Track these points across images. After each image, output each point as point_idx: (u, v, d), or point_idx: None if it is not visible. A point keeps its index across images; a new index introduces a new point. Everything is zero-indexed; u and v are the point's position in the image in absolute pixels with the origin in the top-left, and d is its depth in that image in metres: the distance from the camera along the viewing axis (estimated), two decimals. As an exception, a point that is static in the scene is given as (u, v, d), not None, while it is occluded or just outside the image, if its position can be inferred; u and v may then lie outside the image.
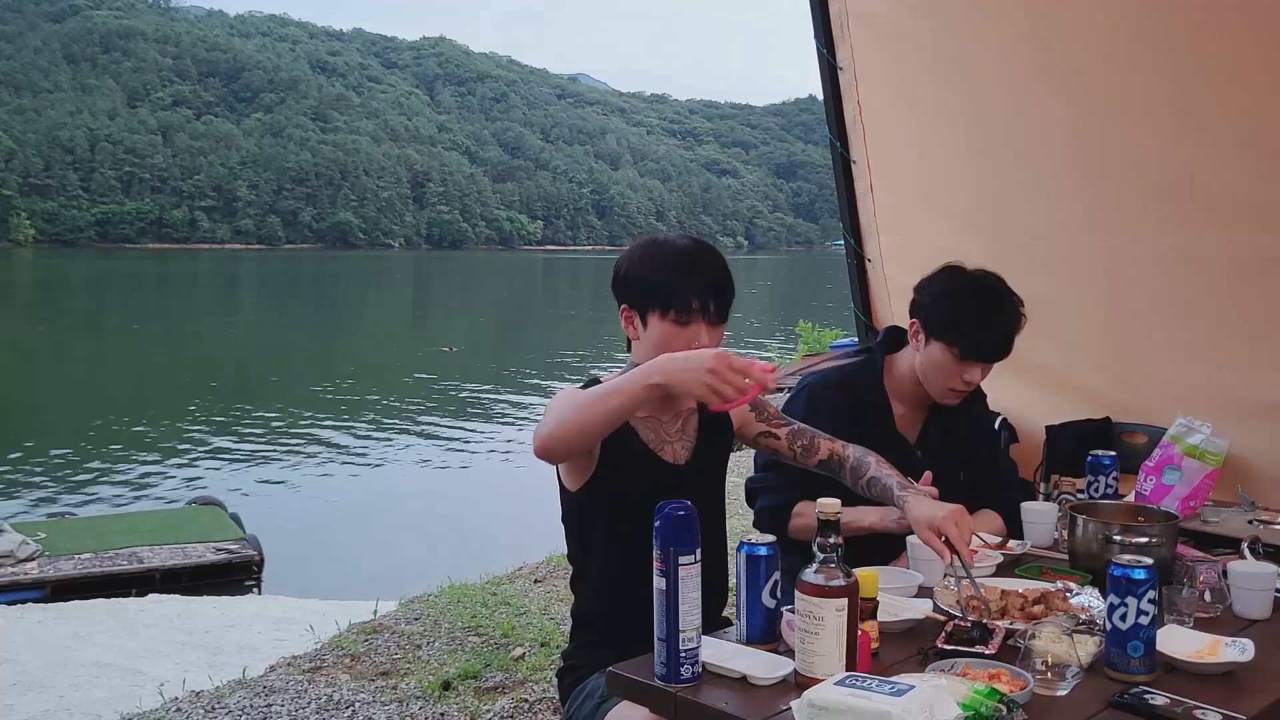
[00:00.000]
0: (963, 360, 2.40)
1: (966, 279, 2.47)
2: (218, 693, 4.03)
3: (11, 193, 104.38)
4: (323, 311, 40.23)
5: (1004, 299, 2.43)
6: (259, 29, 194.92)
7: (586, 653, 2.10)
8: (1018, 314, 2.42)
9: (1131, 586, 1.63)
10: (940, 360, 2.42)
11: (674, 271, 1.98)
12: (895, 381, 2.55)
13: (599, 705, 1.93)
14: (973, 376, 2.43)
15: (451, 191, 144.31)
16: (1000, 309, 2.41)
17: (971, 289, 2.44)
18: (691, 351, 1.80)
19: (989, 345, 2.41)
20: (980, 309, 2.40)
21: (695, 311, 1.97)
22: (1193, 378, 3.04)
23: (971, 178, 3.50)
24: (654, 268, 2.00)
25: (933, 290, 2.48)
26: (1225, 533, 2.49)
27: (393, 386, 20.30)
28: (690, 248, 2.02)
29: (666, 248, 2.03)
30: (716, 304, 1.99)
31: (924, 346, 2.46)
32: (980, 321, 2.39)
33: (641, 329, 2.02)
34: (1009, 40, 3.24)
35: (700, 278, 1.98)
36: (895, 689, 1.38)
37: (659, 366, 1.76)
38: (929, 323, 2.45)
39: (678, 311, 1.96)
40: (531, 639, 4.37)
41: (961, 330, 2.39)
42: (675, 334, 1.97)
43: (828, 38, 3.64)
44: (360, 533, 10.07)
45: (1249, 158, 2.79)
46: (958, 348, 2.39)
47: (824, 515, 1.59)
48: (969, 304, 2.41)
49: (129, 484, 12.06)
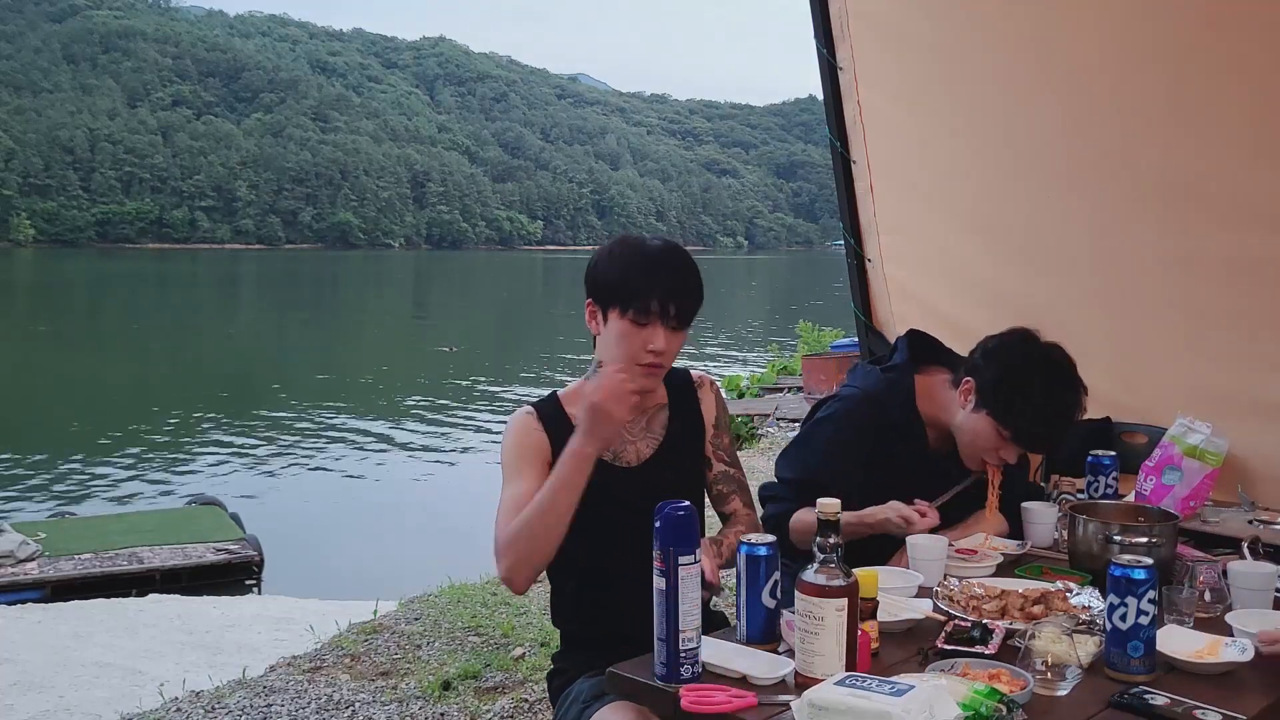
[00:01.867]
0: (1011, 442, 2.29)
1: (1037, 359, 2.27)
2: (218, 693, 4.03)
3: (11, 193, 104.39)
4: (323, 311, 40.20)
5: (1072, 392, 2.26)
6: (259, 29, 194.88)
7: (572, 655, 2.12)
8: (1079, 406, 2.27)
9: (1131, 586, 1.63)
10: (986, 433, 2.30)
11: (639, 271, 1.98)
12: (927, 405, 2.44)
13: (584, 709, 1.93)
14: (1011, 458, 2.32)
15: (451, 191, 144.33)
16: (1065, 402, 2.25)
17: (1041, 380, 2.24)
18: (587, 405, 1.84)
19: (1043, 440, 2.32)
20: (1042, 408, 2.23)
21: (654, 314, 1.97)
22: (1193, 378, 3.04)
23: (972, 178, 3.50)
24: (620, 266, 2.00)
25: (1000, 359, 2.30)
26: (1225, 533, 2.48)
27: (393, 386, 20.29)
28: (659, 250, 2.02)
29: (636, 247, 2.03)
30: (677, 308, 1.99)
31: (970, 410, 2.33)
32: (1040, 414, 2.24)
33: (603, 324, 2.02)
34: (1009, 40, 3.24)
35: (664, 280, 1.98)
36: (895, 689, 1.38)
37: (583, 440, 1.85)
38: (984, 392, 2.29)
39: (636, 311, 1.97)
40: (531, 639, 4.37)
41: (1019, 417, 2.24)
42: (632, 332, 1.98)
43: (828, 38, 3.64)
44: (360, 533, 10.06)
45: (1249, 158, 2.79)
46: (1009, 432, 2.27)
47: (824, 515, 1.59)
48: (1034, 392, 2.23)
49: (129, 484, 12.05)
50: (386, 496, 11.75)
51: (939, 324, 2.88)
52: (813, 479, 2.29)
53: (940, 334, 2.63)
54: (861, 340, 3.90)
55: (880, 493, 2.27)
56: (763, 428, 10.99)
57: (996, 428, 2.28)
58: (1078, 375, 2.29)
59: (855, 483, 2.27)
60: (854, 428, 2.42)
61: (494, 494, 2.01)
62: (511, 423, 2.09)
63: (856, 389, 2.53)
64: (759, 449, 9.68)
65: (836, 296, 25.85)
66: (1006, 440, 2.29)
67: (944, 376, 2.45)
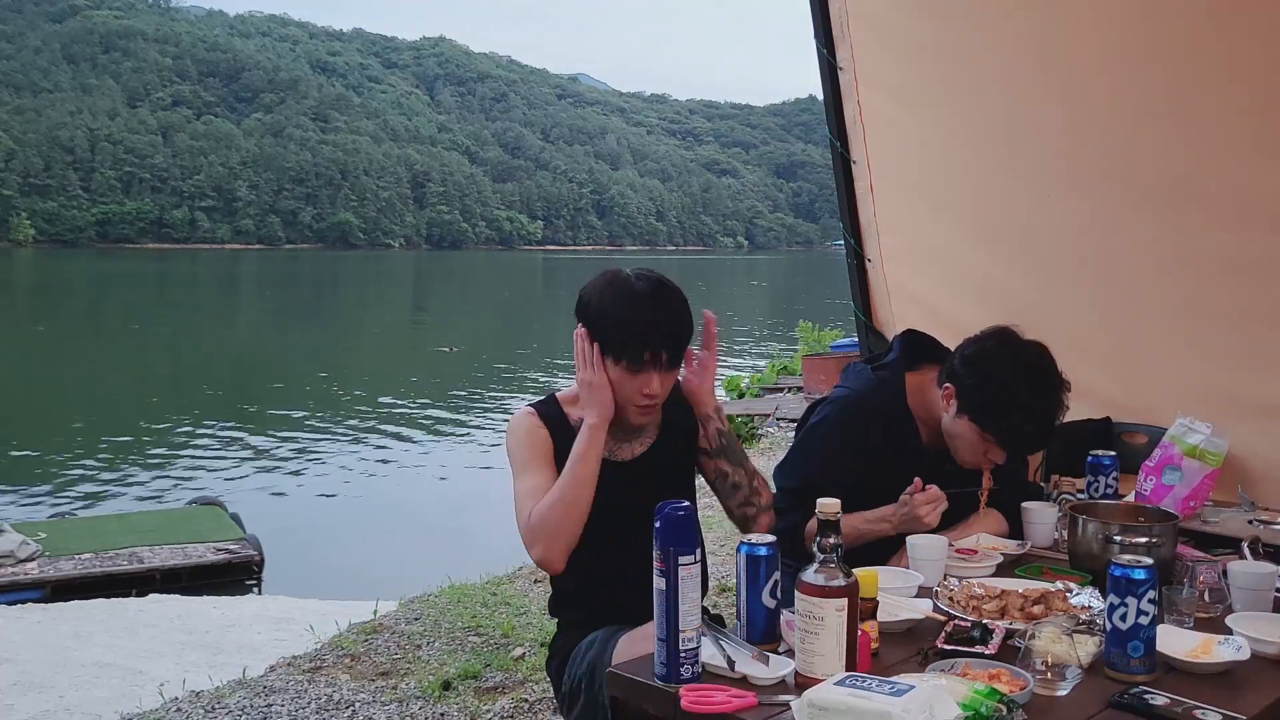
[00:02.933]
0: (996, 446, 2.29)
1: (1016, 365, 2.24)
2: (218, 693, 4.02)
3: (11, 193, 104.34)
4: (323, 311, 40.19)
5: (1053, 392, 2.23)
6: (259, 29, 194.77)
7: (571, 632, 2.19)
8: (1062, 407, 2.24)
9: (1131, 586, 1.63)
10: (970, 438, 2.30)
11: (631, 324, 2.07)
12: (919, 402, 2.46)
13: (605, 646, 2.02)
14: (998, 460, 2.32)
15: (451, 191, 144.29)
16: (1044, 410, 2.23)
17: (1021, 383, 2.21)
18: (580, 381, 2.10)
19: (1028, 443, 2.32)
20: (1025, 411, 2.21)
21: (647, 362, 2.07)
22: (1193, 378, 3.04)
23: (972, 178, 3.50)
24: (612, 317, 2.09)
25: (979, 366, 2.27)
26: (1225, 533, 2.49)
27: (393, 386, 20.28)
28: (648, 295, 2.09)
29: (625, 293, 2.10)
30: (670, 353, 2.09)
31: (955, 415, 2.32)
32: (1022, 422, 2.22)
33: (594, 349, 2.11)
34: (1009, 40, 3.24)
35: (656, 331, 2.08)
36: (895, 689, 1.38)
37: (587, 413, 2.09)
38: (965, 399, 2.28)
39: (630, 361, 2.08)
40: (531, 639, 4.37)
41: (1001, 425, 2.24)
42: (627, 380, 2.10)
43: (828, 38, 3.64)
44: (360, 533, 10.06)
45: (1249, 158, 2.80)
46: (993, 437, 2.26)
47: (824, 515, 1.59)
48: (1012, 402, 2.21)
49: (129, 484, 12.04)
50: (387, 496, 11.75)
51: (939, 324, 2.88)
52: (814, 486, 2.29)
53: (940, 334, 2.63)
54: (861, 340, 3.90)
55: (877, 490, 2.28)
56: (763, 428, 10.99)
57: (979, 433, 2.28)
58: (1058, 373, 2.26)
59: (856, 484, 2.27)
60: (848, 429, 2.43)
61: (494, 494, 2.05)
62: (515, 422, 2.20)
63: (848, 389, 2.55)
64: (759, 449, 9.68)
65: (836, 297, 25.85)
66: (991, 444, 2.29)
67: (935, 374, 2.46)
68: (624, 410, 2.11)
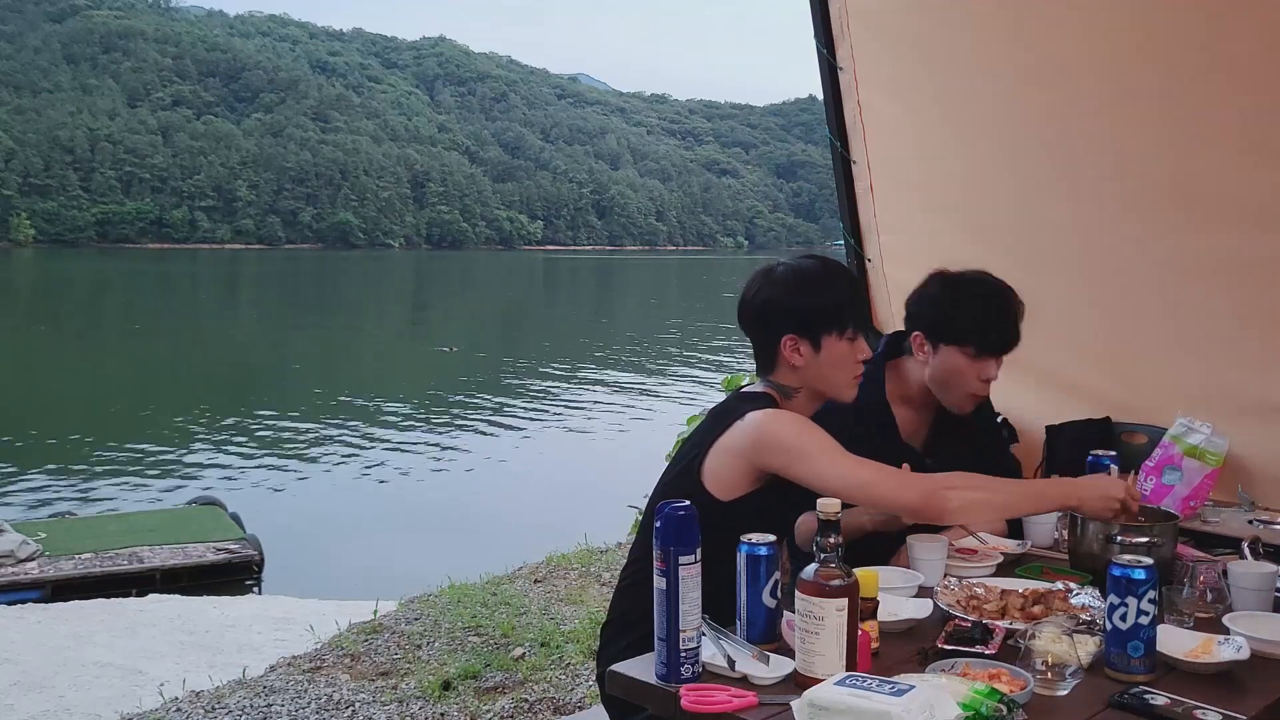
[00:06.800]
0: (978, 358, 2.40)
1: (959, 279, 2.48)
2: (218, 693, 4.03)
3: (11, 193, 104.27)
4: (323, 311, 40.19)
5: (1001, 289, 2.46)
6: (259, 29, 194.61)
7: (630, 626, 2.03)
8: (1017, 301, 2.45)
9: (1131, 586, 1.63)
10: (955, 364, 2.43)
11: (834, 293, 2.13)
12: (898, 388, 2.53)
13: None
14: (989, 373, 2.44)
15: (451, 191, 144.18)
16: (1001, 299, 2.44)
17: (968, 287, 2.46)
18: (1103, 480, 2.18)
19: (1000, 336, 2.42)
20: (984, 303, 2.42)
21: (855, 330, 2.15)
22: (1193, 378, 3.04)
23: (972, 177, 3.50)
24: (821, 292, 2.12)
25: (929, 297, 2.49)
26: (1225, 533, 2.49)
27: (393, 386, 20.30)
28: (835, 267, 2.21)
29: (820, 271, 2.15)
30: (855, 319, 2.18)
31: (933, 355, 2.45)
32: (986, 315, 2.41)
33: (812, 352, 2.10)
34: (1009, 40, 3.24)
35: (853, 295, 2.19)
36: (895, 689, 1.38)
37: (1069, 491, 2.14)
38: (933, 329, 2.45)
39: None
40: (532, 639, 4.37)
41: (970, 328, 2.40)
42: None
43: (828, 38, 3.63)
44: (360, 533, 10.07)
45: (1248, 157, 2.79)
46: (971, 345, 2.40)
47: (824, 515, 1.59)
48: (971, 301, 2.43)
49: (129, 484, 12.06)
50: (386, 496, 11.76)
51: (939, 324, 2.88)
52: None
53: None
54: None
55: None
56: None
57: (959, 350, 2.41)
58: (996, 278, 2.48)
59: None
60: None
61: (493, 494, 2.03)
62: (784, 413, 2.07)
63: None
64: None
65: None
66: (975, 357, 2.41)
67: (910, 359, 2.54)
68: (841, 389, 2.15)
